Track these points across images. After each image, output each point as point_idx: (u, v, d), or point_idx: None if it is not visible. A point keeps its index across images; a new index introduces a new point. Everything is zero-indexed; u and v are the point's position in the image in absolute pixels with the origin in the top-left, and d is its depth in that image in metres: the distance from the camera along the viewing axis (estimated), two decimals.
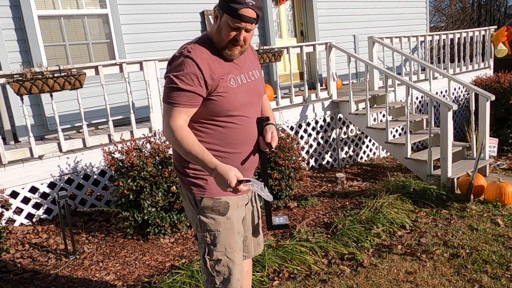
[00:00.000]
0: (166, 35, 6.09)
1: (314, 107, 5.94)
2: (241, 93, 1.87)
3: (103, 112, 5.17)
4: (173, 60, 1.80)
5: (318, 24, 7.84)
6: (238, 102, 1.85)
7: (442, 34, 7.74)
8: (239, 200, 2.00)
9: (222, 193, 1.89)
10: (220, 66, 1.82)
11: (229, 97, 1.82)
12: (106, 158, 3.90)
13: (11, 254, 3.63)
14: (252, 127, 1.94)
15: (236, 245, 1.96)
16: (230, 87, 1.82)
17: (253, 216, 2.19)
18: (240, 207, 2.01)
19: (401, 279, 3.03)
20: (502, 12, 18.12)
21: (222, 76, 1.80)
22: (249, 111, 1.93)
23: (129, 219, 3.79)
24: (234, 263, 1.94)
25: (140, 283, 3.16)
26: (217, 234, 1.91)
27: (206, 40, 1.85)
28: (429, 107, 4.83)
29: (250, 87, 1.93)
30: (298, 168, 4.55)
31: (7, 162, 4.04)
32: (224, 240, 1.92)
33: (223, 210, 1.92)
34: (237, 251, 1.96)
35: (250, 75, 1.96)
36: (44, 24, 5.18)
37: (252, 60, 2.03)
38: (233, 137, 1.88)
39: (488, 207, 4.21)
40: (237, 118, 1.87)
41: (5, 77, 3.92)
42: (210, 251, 1.93)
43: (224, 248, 1.92)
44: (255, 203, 2.20)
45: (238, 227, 1.98)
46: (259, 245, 2.29)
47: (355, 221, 3.85)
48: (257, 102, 2.01)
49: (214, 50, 1.82)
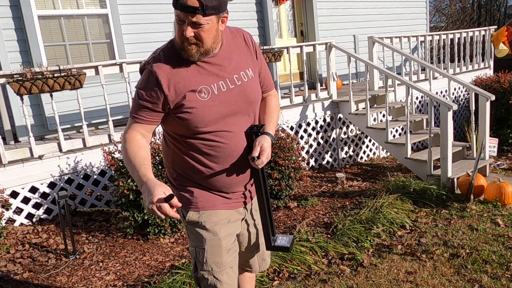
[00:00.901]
0: (166, 35, 6.08)
1: (314, 107, 5.94)
2: (217, 106, 1.62)
3: (103, 112, 5.17)
4: (141, 69, 1.66)
5: (318, 24, 7.84)
6: (213, 116, 1.62)
7: (442, 34, 7.74)
8: (231, 215, 1.80)
9: (209, 206, 1.74)
10: (189, 75, 1.59)
11: (199, 113, 1.59)
12: (106, 158, 3.90)
13: (11, 254, 3.63)
14: (237, 141, 1.69)
15: (225, 264, 1.75)
16: (201, 100, 1.59)
17: (250, 233, 1.95)
18: (232, 222, 1.80)
19: (401, 279, 3.03)
20: (502, 12, 18.12)
21: (191, 87, 1.58)
22: (232, 124, 1.67)
23: (129, 219, 3.79)
24: (222, 283, 1.74)
25: (140, 283, 3.16)
26: (202, 252, 1.73)
27: (171, 46, 1.63)
28: (429, 107, 4.83)
29: (234, 94, 1.66)
30: (298, 168, 4.55)
31: (7, 162, 4.04)
32: (210, 258, 1.73)
33: (209, 225, 1.73)
34: (225, 270, 1.75)
35: (235, 79, 1.67)
36: (44, 24, 5.18)
37: (243, 56, 1.73)
38: (212, 154, 1.68)
39: (488, 207, 4.21)
40: (215, 134, 1.65)
41: (5, 77, 3.92)
42: (197, 269, 1.77)
43: (210, 267, 1.73)
44: (253, 219, 1.97)
45: (227, 244, 1.76)
46: (264, 260, 2.08)
47: (355, 221, 3.85)
48: (246, 110, 1.72)
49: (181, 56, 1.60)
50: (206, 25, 1.50)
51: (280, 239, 1.90)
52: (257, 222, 1.99)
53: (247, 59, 1.74)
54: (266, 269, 2.16)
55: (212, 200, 1.76)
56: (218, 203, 1.77)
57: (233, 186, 1.77)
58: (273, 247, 1.89)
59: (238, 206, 1.84)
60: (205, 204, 1.74)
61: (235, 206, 1.83)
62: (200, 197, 1.74)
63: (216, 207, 1.75)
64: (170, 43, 1.63)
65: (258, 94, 1.78)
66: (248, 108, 1.73)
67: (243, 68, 1.71)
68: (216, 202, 1.77)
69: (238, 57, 1.70)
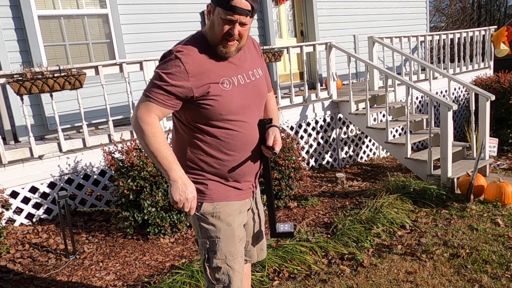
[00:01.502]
0: (166, 35, 6.08)
1: (314, 107, 5.94)
2: (238, 96, 1.76)
3: (103, 112, 5.17)
4: (164, 57, 1.72)
5: (318, 24, 7.84)
6: (234, 105, 1.74)
7: (442, 34, 7.74)
8: (242, 205, 1.92)
9: (223, 198, 1.84)
10: (213, 67, 1.72)
11: (223, 101, 1.71)
12: (106, 158, 3.90)
13: (11, 254, 3.63)
14: (252, 131, 1.84)
15: (237, 252, 1.88)
16: (224, 89, 1.72)
17: (255, 222, 2.10)
18: (242, 213, 1.93)
19: (401, 279, 3.03)
20: (502, 12, 18.13)
21: (214, 79, 1.70)
22: (248, 115, 1.81)
23: (129, 219, 3.79)
24: (234, 271, 1.87)
25: (140, 283, 3.16)
26: (216, 241, 1.84)
27: (200, 38, 1.75)
28: (429, 107, 4.83)
29: (250, 88, 1.82)
30: (298, 168, 4.55)
31: (7, 162, 4.04)
32: (224, 247, 1.84)
33: (224, 216, 1.84)
34: (237, 258, 1.89)
35: (250, 75, 1.84)
36: (44, 24, 5.18)
37: (254, 57, 1.91)
38: (230, 143, 1.78)
39: (488, 207, 4.21)
40: (234, 123, 1.76)
41: (5, 77, 3.92)
42: (210, 258, 1.86)
43: (224, 255, 1.85)
44: (257, 209, 2.11)
45: (239, 234, 1.90)
46: (262, 250, 2.20)
47: (355, 221, 3.85)
48: (259, 104, 1.89)
49: (208, 48, 1.72)
50: (248, 25, 1.70)
51: (283, 226, 2.05)
52: (260, 212, 2.12)
53: (256, 60, 1.93)
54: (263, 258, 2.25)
55: (225, 192, 1.86)
56: (231, 194, 1.87)
57: (246, 176, 1.89)
58: (278, 234, 2.03)
59: (248, 197, 1.96)
60: (219, 196, 1.83)
61: (245, 197, 1.94)
62: (214, 189, 1.82)
63: (229, 199, 1.85)
64: (194, 38, 1.75)
65: (266, 91, 1.97)
66: (260, 102, 1.91)
67: (255, 67, 1.89)
68: (229, 193, 1.86)
69: (250, 57, 1.89)
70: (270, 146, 1.82)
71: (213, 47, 1.72)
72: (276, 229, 2.02)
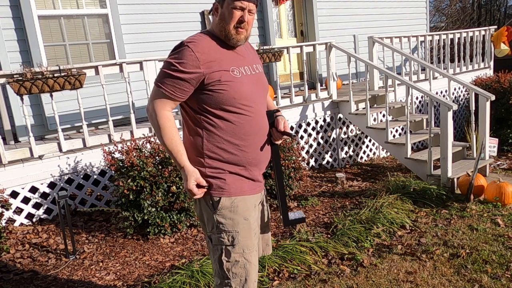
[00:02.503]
0: (166, 35, 6.09)
1: (314, 107, 5.94)
2: (247, 83, 1.88)
3: (103, 112, 5.17)
4: (176, 48, 1.83)
5: (318, 24, 7.84)
6: (245, 91, 1.86)
7: (442, 34, 7.74)
8: (256, 199, 1.99)
9: (240, 192, 1.90)
10: (223, 56, 1.84)
11: (235, 86, 1.83)
12: (106, 158, 3.90)
13: (11, 254, 3.63)
14: (262, 118, 1.95)
15: (253, 246, 1.93)
16: (234, 76, 1.84)
17: (263, 215, 2.16)
18: (256, 207, 2.00)
19: (401, 279, 3.03)
20: (502, 12, 18.14)
21: (224, 67, 1.82)
22: (257, 102, 1.93)
23: (129, 219, 3.79)
24: (251, 264, 1.91)
25: (140, 283, 3.16)
26: (235, 235, 1.88)
27: (207, 33, 1.88)
28: (429, 107, 4.83)
29: (255, 79, 1.95)
30: (298, 168, 4.55)
31: (7, 162, 4.04)
32: (242, 241, 1.88)
33: (241, 210, 1.89)
34: (253, 252, 1.93)
35: (254, 68, 1.97)
36: (44, 24, 5.18)
37: (254, 55, 2.06)
38: (245, 127, 1.87)
39: (488, 207, 4.21)
40: (246, 108, 1.87)
41: (5, 77, 3.92)
42: (228, 253, 1.88)
43: (242, 249, 1.89)
44: (265, 203, 2.18)
45: (255, 228, 1.96)
46: (268, 245, 2.25)
47: (355, 221, 3.85)
48: (264, 94, 2.01)
49: (217, 41, 1.86)
50: (254, 14, 1.88)
51: (293, 215, 2.18)
52: (267, 206, 2.20)
53: (256, 57, 2.07)
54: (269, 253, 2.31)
55: (242, 186, 1.92)
56: (246, 188, 1.94)
57: (261, 163, 1.98)
58: (291, 221, 2.17)
59: (260, 191, 2.03)
60: (236, 190, 1.90)
61: (258, 190, 2.01)
62: (232, 183, 1.89)
63: (245, 193, 1.92)
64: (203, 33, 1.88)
65: (268, 85, 2.10)
66: (265, 93, 2.03)
67: (256, 63, 2.02)
68: (244, 188, 1.93)
69: (251, 54, 2.04)
70: (282, 130, 1.96)
71: (224, 38, 1.85)
72: (289, 217, 2.13)
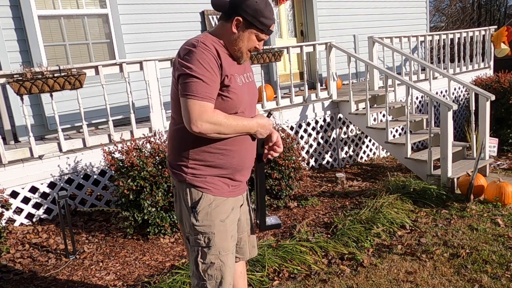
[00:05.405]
0: (166, 35, 6.08)
1: (314, 107, 5.94)
2: (246, 92, 1.92)
3: (103, 112, 5.17)
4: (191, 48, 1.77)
5: (318, 24, 7.84)
6: (245, 100, 1.90)
7: (442, 34, 7.74)
8: (235, 202, 2.00)
9: (219, 193, 1.91)
10: (228, 62, 1.87)
11: (239, 94, 1.87)
12: (106, 158, 3.90)
13: (11, 254, 3.63)
14: None
15: (229, 248, 1.95)
16: (238, 84, 1.88)
17: (247, 218, 2.18)
18: (235, 209, 2.00)
19: (401, 279, 3.03)
20: (502, 12, 18.14)
21: (231, 73, 1.85)
22: (251, 111, 1.98)
23: (129, 219, 3.79)
24: (227, 266, 1.93)
25: (140, 283, 3.16)
26: (211, 236, 1.89)
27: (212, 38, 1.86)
28: (429, 107, 4.83)
29: (250, 87, 1.99)
30: (298, 168, 4.55)
31: (7, 162, 4.04)
32: (218, 242, 1.90)
33: (218, 212, 1.90)
34: (229, 254, 1.95)
35: (248, 76, 2.02)
36: (44, 24, 5.18)
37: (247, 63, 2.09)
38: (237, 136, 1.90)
39: (488, 207, 4.21)
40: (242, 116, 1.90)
41: (5, 77, 3.92)
42: (204, 254, 1.90)
43: (218, 251, 1.90)
44: (249, 205, 2.20)
45: (231, 230, 1.97)
46: (254, 248, 2.27)
47: (355, 221, 3.85)
48: (255, 102, 2.06)
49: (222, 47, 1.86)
50: None
51: (270, 220, 2.20)
52: (249, 209, 2.22)
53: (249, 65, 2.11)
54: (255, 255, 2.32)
55: (221, 188, 1.93)
56: (226, 190, 1.94)
57: (244, 169, 1.99)
58: (267, 227, 2.19)
59: (241, 193, 2.05)
60: (216, 191, 1.90)
61: (239, 193, 2.02)
62: (212, 183, 1.89)
63: (224, 195, 1.92)
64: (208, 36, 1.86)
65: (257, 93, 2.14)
66: (255, 102, 2.07)
67: (249, 71, 2.06)
68: (224, 190, 1.94)
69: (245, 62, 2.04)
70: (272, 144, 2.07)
71: (232, 52, 1.89)
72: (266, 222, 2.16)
